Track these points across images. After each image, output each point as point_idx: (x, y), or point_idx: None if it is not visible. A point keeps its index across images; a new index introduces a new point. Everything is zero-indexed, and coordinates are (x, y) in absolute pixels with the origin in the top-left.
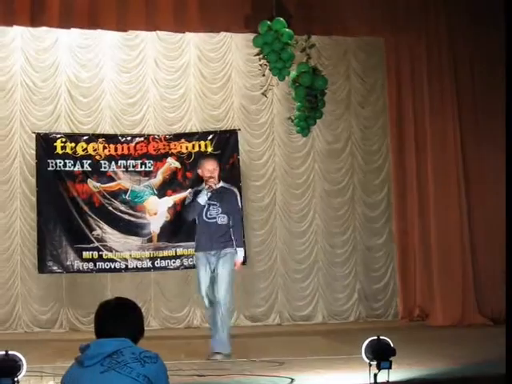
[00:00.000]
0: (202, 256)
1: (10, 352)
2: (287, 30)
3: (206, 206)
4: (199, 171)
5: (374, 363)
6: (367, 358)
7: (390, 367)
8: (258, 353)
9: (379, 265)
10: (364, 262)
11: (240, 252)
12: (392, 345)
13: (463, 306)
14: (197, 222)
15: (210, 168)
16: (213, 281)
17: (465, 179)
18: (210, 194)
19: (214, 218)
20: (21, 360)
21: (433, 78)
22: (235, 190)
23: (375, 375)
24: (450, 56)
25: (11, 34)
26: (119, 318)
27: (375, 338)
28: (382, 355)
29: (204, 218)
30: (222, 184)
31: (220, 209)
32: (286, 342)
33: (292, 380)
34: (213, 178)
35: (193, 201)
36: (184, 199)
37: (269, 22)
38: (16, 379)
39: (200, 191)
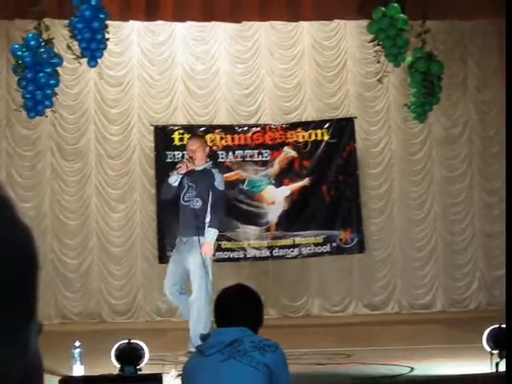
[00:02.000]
0: (177, 243)
1: (132, 340)
2: (402, 15)
3: (186, 188)
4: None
5: (495, 352)
6: (489, 346)
7: None
8: (377, 341)
9: (499, 252)
10: (484, 249)
11: (209, 233)
12: None
13: None
14: (179, 206)
15: (191, 148)
16: (182, 271)
17: None
18: (180, 175)
19: (188, 201)
20: (143, 348)
21: None
22: (214, 171)
23: (497, 364)
24: None
25: (127, 28)
26: (240, 307)
27: (497, 326)
28: (504, 344)
29: (181, 200)
30: (205, 165)
31: (195, 192)
32: (405, 331)
33: (412, 369)
34: (193, 158)
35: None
36: (301, 188)
37: (383, 8)
38: (138, 367)
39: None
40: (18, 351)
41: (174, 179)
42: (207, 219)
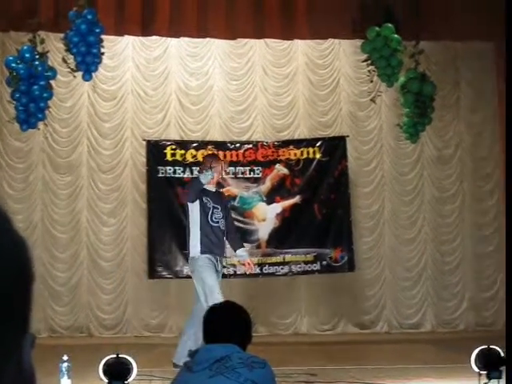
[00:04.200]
0: (210, 259)
1: (120, 355)
2: (396, 35)
3: (211, 208)
4: (207, 159)
5: (483, 373)
6: (477, 367)
7: (500, 377)
8: (366, 360)
9: (489, 273)
10: (474, 270)
11: (244, 252)
12: (503, 354)
13: None
14: (199, 223)
15: (216, 166)
16: None
17: None
18: (211, 178)
19: (218, 222)
20: (131, 363)
21: None
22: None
23: None
24: None
25: (122, 43)
26: (228, 323)
27: (485, 347)
28: (492, 365)
29: (209, 220)
30: (215, 187)
31: (221, 213)
32: (394, 350)
33: None
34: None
35: (197, 184)
36: (292, 206)
37: (377, 28)
38: (126, 382)
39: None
40: (12, 365)
41: (207, 179)
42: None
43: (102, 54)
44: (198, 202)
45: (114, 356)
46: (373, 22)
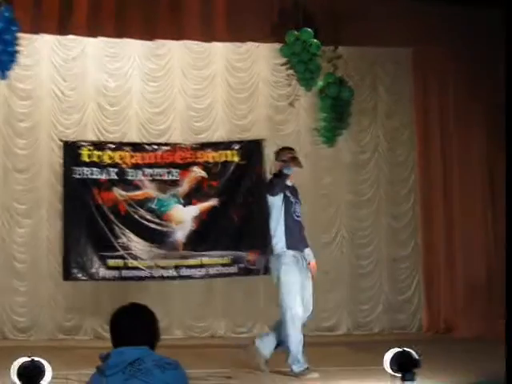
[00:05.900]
0: (294, 256)
1: (34, 358)
2: (315, 40)
3: (293, 203)
4: (284, 152)
5: (397, 375)
6: (391, 369)
7: (413, 379)
8: (280, 363)
9: (404, 276)
10: (389, 273)
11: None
12: (416, 357)
13: (488, 318)
14: (283, 218)
15: (295, 157)
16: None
17: (490, 191)
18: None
19: (299, 217)
20: (45, 366)
21: (460, 89)
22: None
23: None
24: (477, 68)
25: (39, 41)
26: (136, 325)
27: (399, 349)
28: (405, 367)
29: (294, 215)
30: (292, 181)
31: (299, 208)
32: (310, 353)
33: None
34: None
35: (279, 178)
36: (209, 209)
37: (296, 32)
38: None
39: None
40: None
41: (289, 183)
42: None
43: (18, 52)
44: (280, 196)
45: (28, 359)
46: (292, 25)
